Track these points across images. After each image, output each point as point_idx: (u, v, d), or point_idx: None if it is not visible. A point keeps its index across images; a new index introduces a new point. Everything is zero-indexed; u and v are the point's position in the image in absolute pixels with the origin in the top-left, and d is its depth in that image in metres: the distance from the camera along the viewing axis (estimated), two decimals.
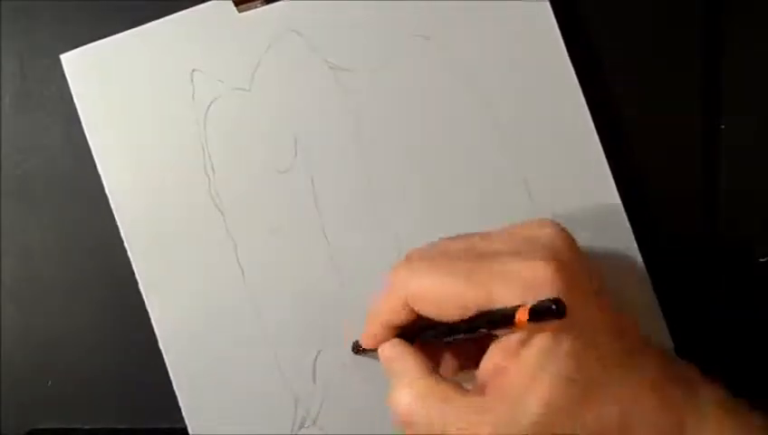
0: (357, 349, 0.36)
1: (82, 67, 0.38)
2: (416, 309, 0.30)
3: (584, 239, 0.37)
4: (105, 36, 0.38)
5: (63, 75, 0.38)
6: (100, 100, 0.38)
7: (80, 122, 0.38)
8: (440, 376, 0.30)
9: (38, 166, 0.39)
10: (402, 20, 0.38)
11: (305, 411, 0.38)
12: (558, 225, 0.30)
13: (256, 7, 0.38)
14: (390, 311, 0.31)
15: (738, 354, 0.39)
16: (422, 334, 0.32)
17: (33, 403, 0.39)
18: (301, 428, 0.38)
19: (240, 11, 0.38)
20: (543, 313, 0.25)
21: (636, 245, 0.37)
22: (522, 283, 0.27)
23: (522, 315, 0.26)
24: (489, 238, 0.31)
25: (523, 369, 0.27)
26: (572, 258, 0.29)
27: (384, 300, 0.32)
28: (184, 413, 0.38)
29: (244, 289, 0.38)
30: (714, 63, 0.39)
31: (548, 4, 0.37)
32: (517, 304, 0.26)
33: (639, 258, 0.37)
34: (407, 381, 0.30)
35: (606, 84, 0.39)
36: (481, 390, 0.29)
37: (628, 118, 0.39)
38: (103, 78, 0.38)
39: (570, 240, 0.30)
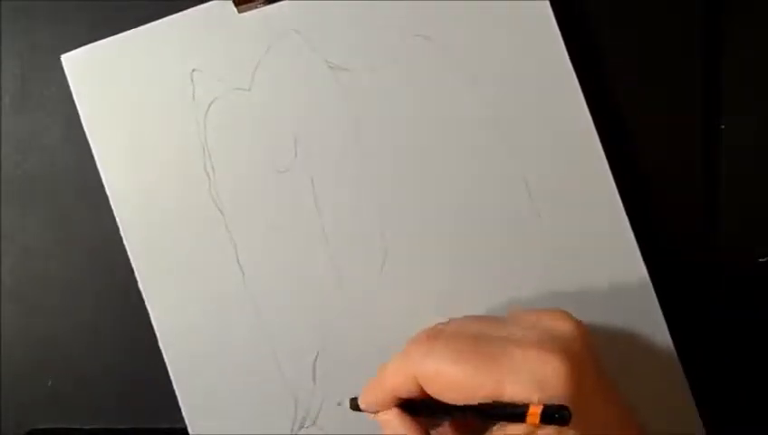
0: (356, 407, 0.35)
1: (83, 67, 0.38)
2: (424, 388, 0.30)
3: (584, 240, 0.38)
4: (105, 36, 0.38)
5: (63, 75, 0.38)
6: (101, 99, 0.38)
7: (80, 122, 0.38)
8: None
9: (38, 166, 0.39)
10: (402, 20, 0.38)
11: (305, 411, 0.38)
12: (572, 318, 0.31)
13: (257, 7, 0.38)
14: (399, 383, 0.31)
15: (738, 354, 0.39)
16: (425, 411, 0.32)
17: (34, 403, 0.39)
18: (301, 428, 0.38)
19: (240, 11, 0.38)
20: (551, 418, 0.27)
21: (636, 243, 0.37)
22: (533, 380, 0.28)
23: (533, 417, 0.27)
24: (506, 322, 0.31)
25: None
26: (584, 354, 0.30)
27: (395, 371, 0.31)
28: (184, 413, 0.38)
29: (244, 289, 0.38)
30: (714, 63, 0.39)
31: (548, 3, 0.37)
32: (526, 398, 0.28)
33: (639, 256, 0.37)
34: None
35: (606, 84, 0.39)
36: None
37: (628, 118, 0.39)
38: (104, 78, 0.38)
39: (583, 335, 0.30)
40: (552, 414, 0.27)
